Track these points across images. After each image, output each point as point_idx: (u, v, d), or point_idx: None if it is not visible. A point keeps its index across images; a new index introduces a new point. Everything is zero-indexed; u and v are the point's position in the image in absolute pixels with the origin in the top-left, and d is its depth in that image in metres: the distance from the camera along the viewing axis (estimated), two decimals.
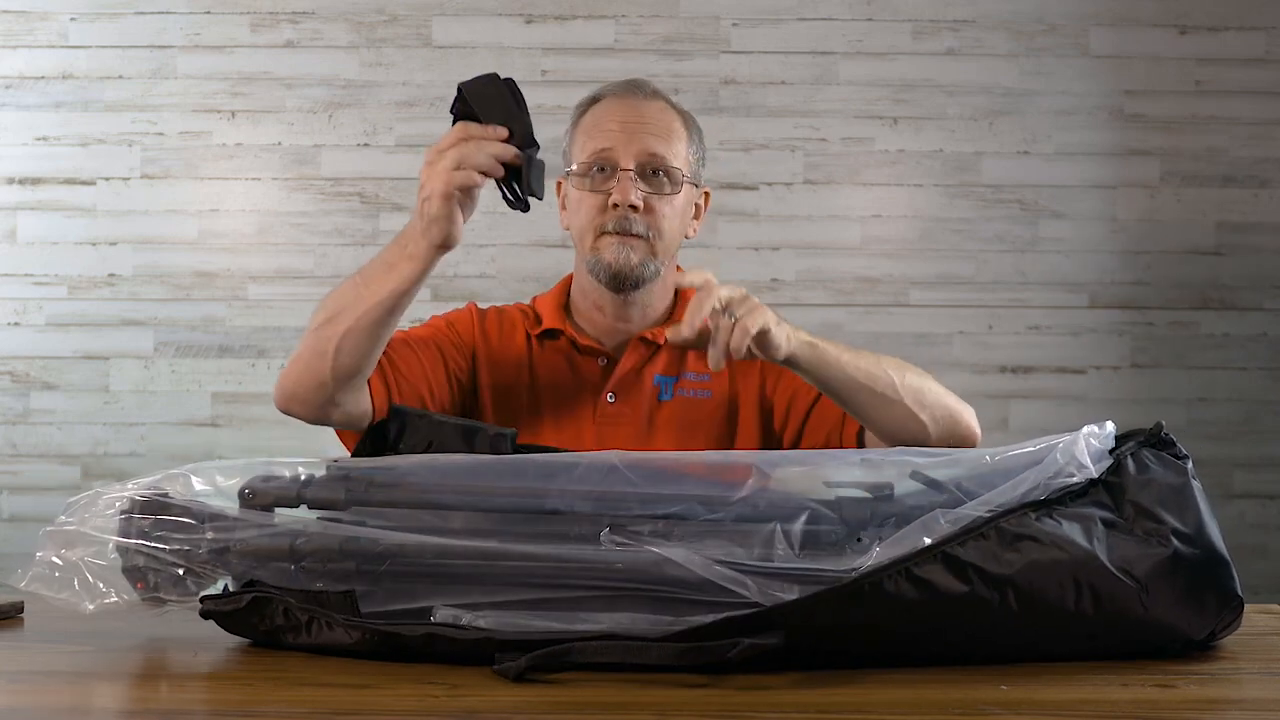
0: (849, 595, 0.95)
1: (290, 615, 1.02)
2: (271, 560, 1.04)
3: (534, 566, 1.01)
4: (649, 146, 1.52)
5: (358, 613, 1.01)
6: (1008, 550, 0.98)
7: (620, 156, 1.52)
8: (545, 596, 1.01)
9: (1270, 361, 3.06)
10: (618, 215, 1.51)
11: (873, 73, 3.06)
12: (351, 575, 1.02)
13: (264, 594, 1.03)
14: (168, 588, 1.04)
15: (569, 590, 1.01)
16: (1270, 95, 3.06)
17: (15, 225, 3.05)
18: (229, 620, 1.05)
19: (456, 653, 0.98)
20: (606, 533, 1.01)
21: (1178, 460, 1.06)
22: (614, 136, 1.52)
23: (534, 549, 1.01)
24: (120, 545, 1.04)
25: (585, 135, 1.55)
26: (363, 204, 3.05)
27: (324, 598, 1.02)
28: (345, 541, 1.02)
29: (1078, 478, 1.03)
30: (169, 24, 3.04)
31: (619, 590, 1.00)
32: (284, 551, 1.03)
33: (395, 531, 1.03)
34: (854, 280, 3.05)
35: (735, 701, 0.89)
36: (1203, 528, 1.02)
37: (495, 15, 3.05)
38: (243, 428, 3.01)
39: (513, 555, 1.01)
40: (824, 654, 0.97)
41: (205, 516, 1.05)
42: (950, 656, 0.99)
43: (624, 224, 1.51)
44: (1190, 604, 1.01)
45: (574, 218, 1.57)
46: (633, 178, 1.51)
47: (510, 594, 1.01)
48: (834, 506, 1.05)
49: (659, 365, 1.57)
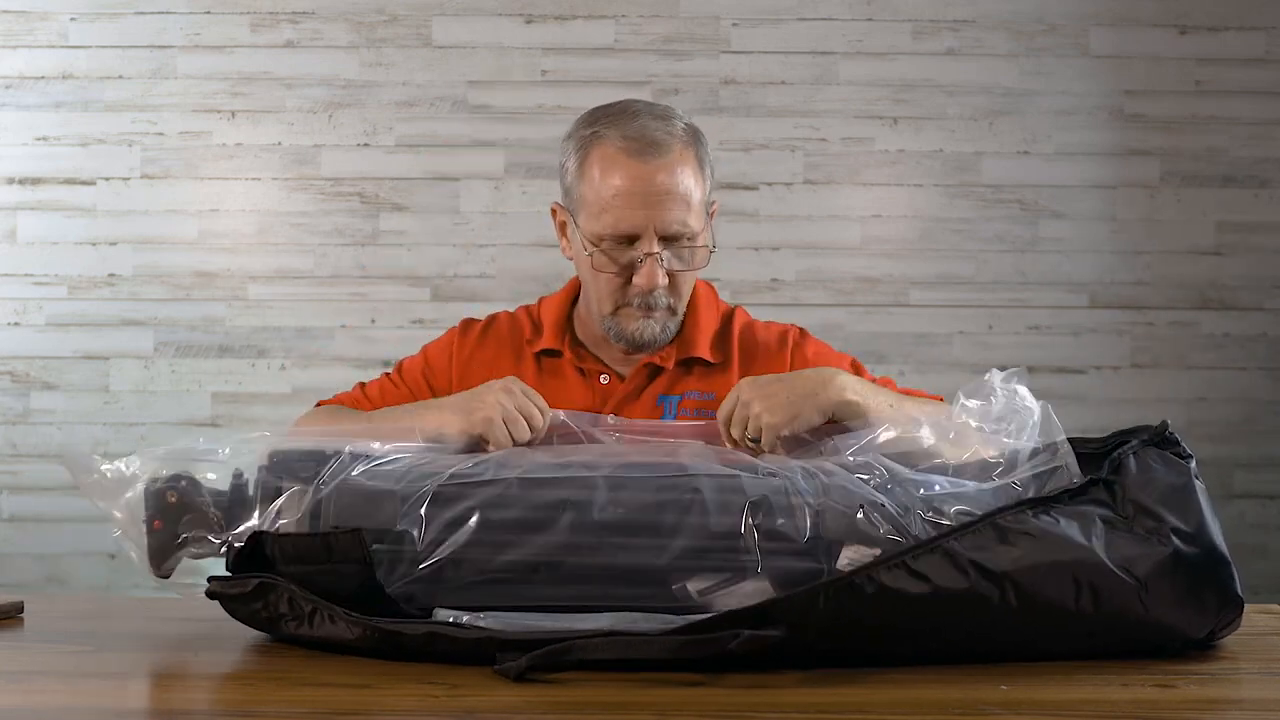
0: (848, 588, 0.95)
1: (294, 604, 1.02)
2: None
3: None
4: (673, 220, 1.44)
5: (367, 555, 1.01)
6: (1006, 546, 0.98)
7: (643, 235, 1.44)
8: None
9: (1270, 361, 3.06)
10: (641, 294, 1.46)
11: (873, 73, 3.06)
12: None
13: (270, 580, 1.03)
14: (193, 536, 1.06)
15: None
16: (1270, 95, 3.06)
17: (15, 225, 3.05)
18: (233, 603, 1.05)
19: (457, 652, 0.98)
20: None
21: (1181, 459, 1.06)
22: (636, 214, 1.43)
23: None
24: (155, 487, 1.06)
25: (599, 201, 1.45)
26: (363, 204, 3.05)
27: (331, 539, 1.01)
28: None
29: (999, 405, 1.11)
30: (169, 24, 3.04)
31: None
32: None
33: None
34: (854, 280, 3.05)
35: (735, 701, 0.89)
36: (1204, 527, 1.02)
37: (495, 15, 3.05)
38: (243, 428, 3.01)
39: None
40: (824, 649, 0.97)
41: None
42: (950, 653, 0.99)
43: (648, 301, 1.47)
44: (1190, 603, 1.01)
45: (589, 280, 1.51)
46: (658, 259, 1.44)
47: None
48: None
49: (662, 385, 1.54)
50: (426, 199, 3.05)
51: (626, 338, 1.50)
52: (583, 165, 1.47)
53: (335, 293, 3.04)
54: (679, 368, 1.55)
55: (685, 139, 1.47)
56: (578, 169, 1.48)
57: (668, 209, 1.43)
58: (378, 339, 3.04)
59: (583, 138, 1.48)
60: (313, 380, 3.00)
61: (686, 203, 1.45)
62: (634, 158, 1.44)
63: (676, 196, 1.44)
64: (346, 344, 3.03)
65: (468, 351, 1.59)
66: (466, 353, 1.59)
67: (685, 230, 1.45)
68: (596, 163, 1.46)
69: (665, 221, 1.43)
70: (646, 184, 1.43)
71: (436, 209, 3.05)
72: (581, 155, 1.48)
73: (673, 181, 1.44)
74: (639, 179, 1.43)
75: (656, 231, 1.44)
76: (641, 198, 1.43)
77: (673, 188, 1.44)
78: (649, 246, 1.43)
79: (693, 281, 1.53)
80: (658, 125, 1.46)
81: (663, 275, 1.45)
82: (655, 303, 1.47)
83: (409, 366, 1.63)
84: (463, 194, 3.05)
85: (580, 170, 1.48)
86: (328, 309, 3.04)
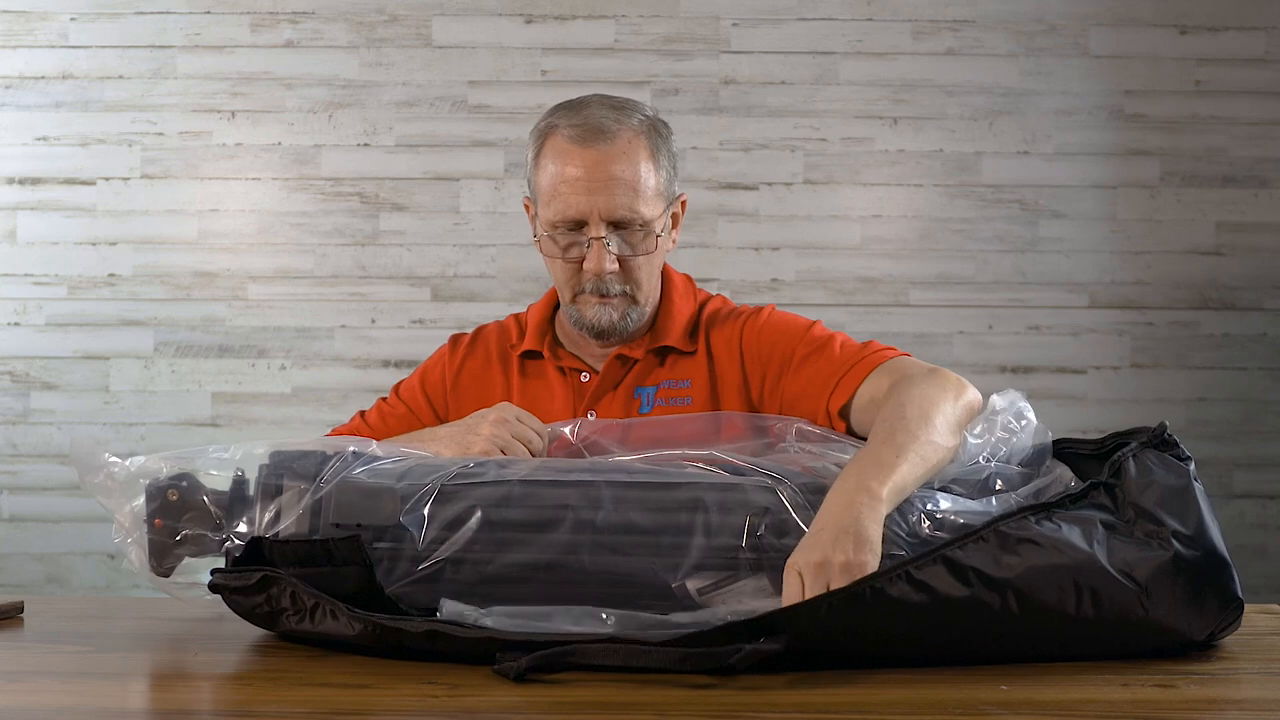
0: (851, 599, 0.95)
1: (296, 599, 1.02)
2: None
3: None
4: (619, 205, 1.46)
5: (365, 558, 1.01)
6: (1008, 553, 0.98)
7: (589, 220, 1.46)
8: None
9: (1270, 361, 3.06)
10: (591, 279, 1.48)
11: (873, 73, 3.06)
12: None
13: (274, 574, 1.03)
14: (192, 536, 1.06)
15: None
16: (1270, 95, 3.06)
17: (15, 225, 3.05)
18: (235, 596, 1.05)
19: (458, 651, 0.98)
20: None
21: (1180, 462, 1.06)
22: (581, 199, 1.46)
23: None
24: (157, 485, 1.06)
25: (549, 189, 1.49)
26: (363, 204, 3.05)
27: (331, 545, 1.02)
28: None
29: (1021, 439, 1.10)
30: (169, 24, 3.04)
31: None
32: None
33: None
34: (854, 280, 3.05)
35: (735, 702, 0.89)
36: (1204, 529, 1.02)
37: (495, 15, 3.05)
38: (243, 428, 3.01)
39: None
40: (826, 657, 0.97)
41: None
42: (952, 660, 0.99)
43: (600, 287, 1.49)
44: (1191, 606, 1.01)
45: (549, 267, 1.55)
46: (605, 243, 1.47)
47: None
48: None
49: (636, 376, 1.55)
50: (426, 199, 3.05)
51: (587, 325, 1.52)
52: (538, 157, 1.51)
53: (335, 293, 3.04)
54: (651, 357, 1.55)
55: (638, 129, 1.50)
56: (534, 160, 1.52)
57: (612, 194, 1.46)
58: (378, 339, 3.04)
59: (539, 130, 1.52)
60: (313, 380, 3.00)
61: (633, 189, 1.47)
62: (580, 145, 1.47)
63: (622, 182, 1.46)
64: (346, 344, 3.03)
65: (458, 363, 1.61)
66: (457, 364, 1.61)
67: (634, 216, 1.47)
68: (548, 153, 1.49)
69: (610, 206, 1.46)
70: (591, 170, 1.46)
71: (436, 209, 3.05)
72: (537, 147, 1.52)
73: (618, 168, 1.46)
74: (584, 165, 1.46)
75: (602, 216, 1.46)
76: (586, 184, 1.46)
77: (618, 174, 1.46)
78: (595, 231, 1.46)
79: (651, 269, 1.53)
80: (609, 115, 1.49)
81: (610, 260, 1.47)
82: (608, 289, 1.49)
83: (406, 387, 1.65)
84: (463, 194, 3.05)
85: (535, 161, 1.52)
86: (328, 309, 3.04)
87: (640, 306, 1.53)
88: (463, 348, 1.63)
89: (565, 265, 1.50)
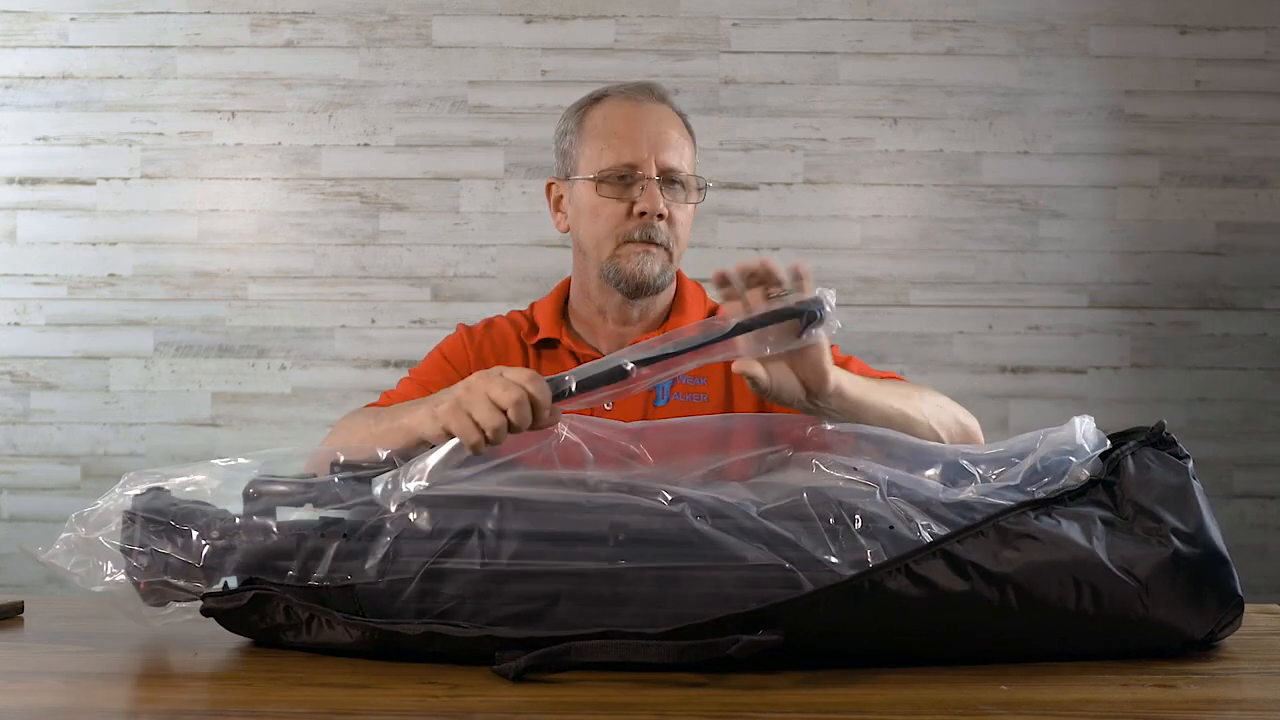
0: (849, 592, 0.95)
1: (291, 613, 1.02)
2: (275, 559, 1.04)
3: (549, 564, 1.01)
4: (670, 156, 1.56)
5: (359, 608, 1.02)
6: (1007, 549, 0.98)
7: (642, 164, 1.54)
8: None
9: (1270, 361, 3.06)
10: (643, 224, 1.54)
11: (873, 73, 3.06)
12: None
13: (265, 591, 1.03)
14: (172, 588, 1.05)
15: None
16: (1270, 95, 3.06)
17: (15, 225, 3.05)
18: (229, 618, 1.05)
19: (456, 652, 0.98)
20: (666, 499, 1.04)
21: (1178, 460, 1.06)
22: (636, 146, 1.54)
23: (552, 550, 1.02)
24: (124, 549, 1.05)
25: (601, 141, 1.56)
26: (363, 204, 3.05)
27: (324, 593, 1.02)
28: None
29: (1076, 461, 1.05)
30: (169, 24, 3.05)
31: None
32: (289, 551, 1.04)
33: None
34: (854, 280, 3.05)
35: (735, 701, 0.89)
36: (1203, 527, 1.02)
37: (495, 15, 3.05)
38: (243, 428, 3.01)
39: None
40: (824, 652, 0.97)
41: (207, 518, 1.05)
42: (951, 656, 0.99)
43: (649, 232, 1.54)
44: (1191, 604, 1.00)
45: (589, 224, 1.57)
46: (658, 185, 1.54)
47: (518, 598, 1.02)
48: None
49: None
50: (426, 199, 3.05)
51: (626, 276, 1.55)
52: (584, 123, 1.59)
53: (335, 293, 3.04)
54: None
55: (677, 111, 1.62)
56: (578, 129, 1.60)
57: (666, 144, 1.56)
58: (378, 339, 3.04)
59: (580, 105, 1.62)
60: (313, 380, 3.00)
61: (680, 148, 1.58)
62: (634, 102, 1.58)
63: (672, 138, 1.57)
64: (346, 344, 3.03)
65: (478, 342, 1.63)
66: (477, 343, 1.63)
67: (680, 171, 1.56)
68: (597, 113, 1.59)
69: (664, 155, 1.55)
70: (646, 121, 1.56)
71: (436, 209, 3.05)
72: (582, 116, 1.60)
73: (669, 125, 1.58)
74: (640, 117, 1.57)
75: (656, 161, 1.55)
76: (643, 131, 1.55)
77: (669, 129, 1.58)
78: (650, 171, 1.54)
79: (687, 229, 1.60)
80: (659, 93, 1.62)
81: (662, 203, 1.54)
82: (656, 235, 1.55)
83: (430, 359, 1.64)
84: (463, 194, 3.05)
85: (581, 128, 1.59)
86: (328, 309, 3.04)
87: (672, 266, 1.59)
88: (479, 331, 1.65)
89: (613, 215, 1.55)
